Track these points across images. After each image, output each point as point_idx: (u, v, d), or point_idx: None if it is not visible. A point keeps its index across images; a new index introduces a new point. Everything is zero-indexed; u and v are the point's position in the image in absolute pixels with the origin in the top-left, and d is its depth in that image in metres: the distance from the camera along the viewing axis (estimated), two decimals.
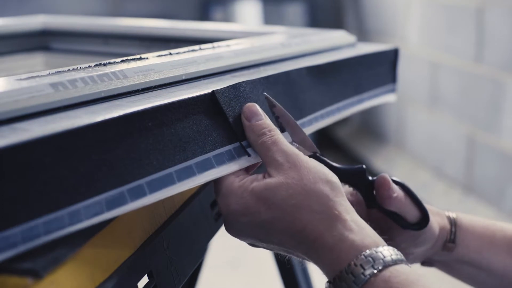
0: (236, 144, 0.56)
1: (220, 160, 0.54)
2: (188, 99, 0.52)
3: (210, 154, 0.53)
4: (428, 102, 2.76)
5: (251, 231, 0.54)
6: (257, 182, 0.52)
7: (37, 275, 0.40)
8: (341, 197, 0.52)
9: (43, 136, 0.41)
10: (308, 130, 0.67)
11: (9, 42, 1.08)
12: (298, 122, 0.65)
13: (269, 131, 0.55)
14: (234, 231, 0.55)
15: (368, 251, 0.49)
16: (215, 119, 0.55)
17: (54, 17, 1.18)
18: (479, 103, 2.36)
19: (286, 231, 0.52)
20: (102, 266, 0.47)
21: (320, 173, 0.53)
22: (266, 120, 0.56)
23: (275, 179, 0.52)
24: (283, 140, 0.55)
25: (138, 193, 0.46)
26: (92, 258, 0.46)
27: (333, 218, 0.50)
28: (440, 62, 2.63)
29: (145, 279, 0.53)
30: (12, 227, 0.39)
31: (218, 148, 0.54)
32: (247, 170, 0.56)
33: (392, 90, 0.88)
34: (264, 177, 0.53)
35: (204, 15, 3.42)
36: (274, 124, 0.58)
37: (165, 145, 0.49)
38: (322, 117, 0.71)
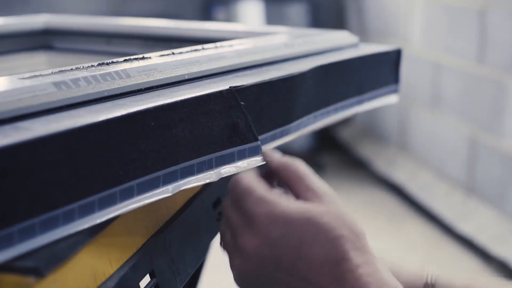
0: (223, 152, 0.55)
1: (200, 168, 0.53)
2: (192, 99, 0.52)
3: (195, 161, 0.53)
4: (430, 103, 2.76)
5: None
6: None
7: (40, 273, 0.40)
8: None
9: (46, 135, 0.41)
10: (309, 129, 0.67)
11: (12, 41, 1.07)
12: (299, 121, 0.65)
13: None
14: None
15: None
16: (214, 122, 0.54)
17: (57, 16, 1.18)
18: (481, 104, 2.36)
19: None
20: (104, 265, 0.47)
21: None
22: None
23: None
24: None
25: (128, 195, 0.47)
26: (94, 257, 0.46)
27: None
28: (442, 63, 2.62)
29: (147, 279, 0.53)
30: (11, 226, 0.39)
31: (204, 155, 0.53)
32: None
33: (395, 91, 0.88)
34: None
35: (206, 15, 3.42)
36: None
37: (162, 146, 0.49)
38: (324, 116, 0.71)
